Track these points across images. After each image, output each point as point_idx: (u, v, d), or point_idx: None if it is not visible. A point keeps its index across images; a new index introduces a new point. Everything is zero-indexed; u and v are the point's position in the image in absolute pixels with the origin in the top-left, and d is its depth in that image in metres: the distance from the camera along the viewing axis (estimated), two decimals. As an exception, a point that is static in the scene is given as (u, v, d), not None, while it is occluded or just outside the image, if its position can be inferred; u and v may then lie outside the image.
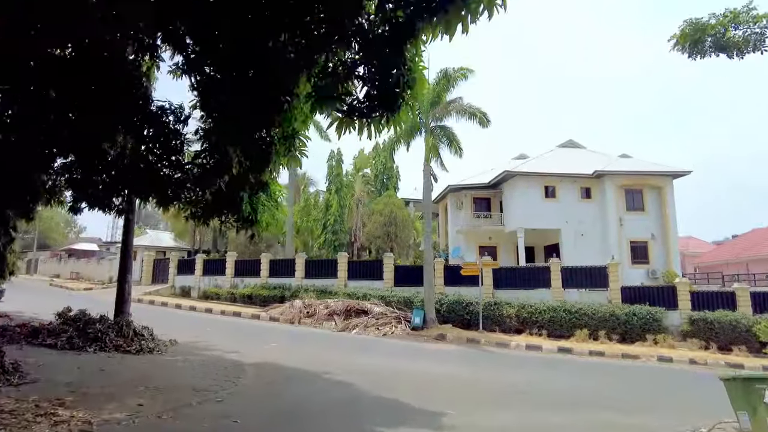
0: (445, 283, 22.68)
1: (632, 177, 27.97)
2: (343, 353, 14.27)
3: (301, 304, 21.28)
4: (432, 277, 20.10)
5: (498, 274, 22.16)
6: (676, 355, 16.49)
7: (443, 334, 18.18)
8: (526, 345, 17.07)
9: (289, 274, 26.02)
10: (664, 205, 27.97)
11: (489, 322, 20.07)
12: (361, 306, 20.29)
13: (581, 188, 28.47)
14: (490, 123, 22.06)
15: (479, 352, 16.09)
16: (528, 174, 27.89)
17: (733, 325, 18.55)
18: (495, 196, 31.53)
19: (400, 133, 22.29)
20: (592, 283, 21.16)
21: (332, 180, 33.45)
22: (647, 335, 18.60)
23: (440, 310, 20.66)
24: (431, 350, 15.79)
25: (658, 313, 19.25)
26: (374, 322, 19.30)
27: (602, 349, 16.80)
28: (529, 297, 21.15)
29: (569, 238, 27.70)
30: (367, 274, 24.35)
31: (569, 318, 19.43)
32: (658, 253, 27.59)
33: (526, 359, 15.30)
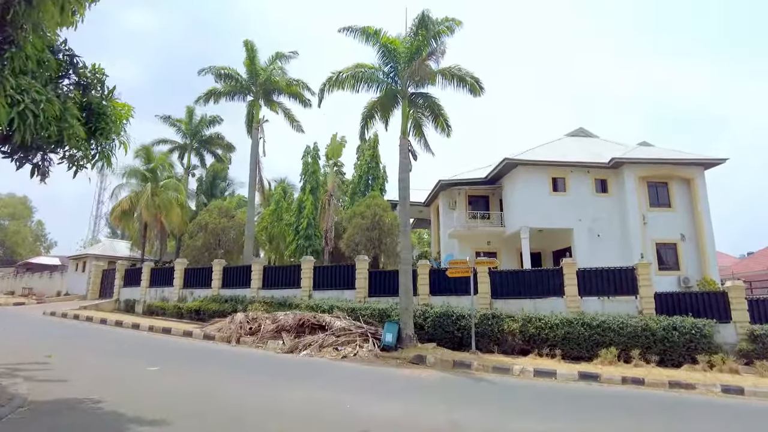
0: (432, 291, 18.09)
1: (656, 167, 23.50)
2: (263, 384, 9.69)
3: (244, 318, 16.72)
4: (410, 283, 15.54)
5: (497, 279, 17.55)
6: (746, 384, 11.78)
7: (422, 356, 13.54)
8: (535, 370, 12.41)
9: (244, 284, 21.55)
10: (695, 200, 23.43)
11: (485, 340, 15.49)
12: (319, 320, 15.71)
13: (596, 180, 23.99)
14: (483, 91, 17.72)
15: (468, 380, 11.43)
16: (532, 163, 23.46)
17: (811, 343, 13.89)
18: (494, 193, 27.09)
19: (371, 104, 18.09)
20: (616, 290, 16.49)
21: (307, 178, 29.16)
22: (696, 355, 13.92)
23: (423, 325, 16.11)
24: (400, 378, 11.16)
25: (707, 327, 14.57)
26: (333, 341, 14.68)
27: (640, 375, 12.12)
28: (537, 308, 16.56)
29: (583, 240, 23.11)
30: (336, 283, 19.79)
31: (589, 334, 14.79)
32: (690, 258, 22.95)
33: (535, 391, 10.65)
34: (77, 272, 34.60)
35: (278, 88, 26.61)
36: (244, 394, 8.53)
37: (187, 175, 38.03)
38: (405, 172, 16.28)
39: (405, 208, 16.06)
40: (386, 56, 17.17)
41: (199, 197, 37.56)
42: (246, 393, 8.61)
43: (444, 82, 17.64)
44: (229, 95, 26.86)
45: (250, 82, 26.38)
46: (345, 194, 33.35)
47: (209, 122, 37.69)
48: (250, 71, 26.31)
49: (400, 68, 17.04)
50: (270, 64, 26.12)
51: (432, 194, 28.81)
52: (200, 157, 39.26)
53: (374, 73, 17.34)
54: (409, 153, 16.48)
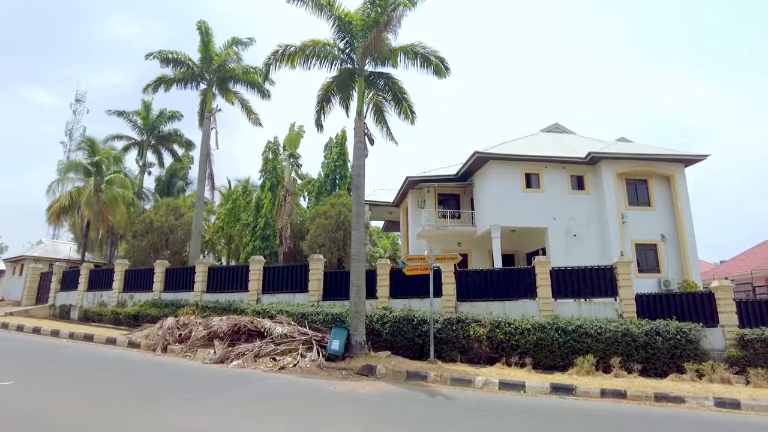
0: (392, 293, 16.24)
1: (635, 163, 22.15)
2: (148, 404, 7.64)
3: (174, 323, 14.63)
4: (362, 283, 13.65)
5: (463, 280, 15.79)
6: (741, 396, 10.15)
7: (372, 366, 11.63)
8: (500, 382, 10.60)
9: (188, 286, 19.42)
10: (675, 199, 22.14)
11: (449, 348, 13.72)
12: (257, 325, 13.71)
13: (572, 177, 22.53)
14: (449, 72, 16.09)
15: (420, 395, 9.54)
16: (504, 157, 21.88)
17: (806, 349, 12.43)
18: (465, 192, 25.46)
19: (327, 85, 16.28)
20: (593, 291, 14.86)
21: (267, 176, 27.12)
22: (682, 363, 12.32)
23: (381, 331, 14.28)
24: (336, 395, 9.21)
25: (693, 332, 13.02)
26: (271, 349, 12.69)
27: (621, 387, 10.41)
28: (507, 311, 14.85)
29: (558, 240, 21.56)
30: (287, 285, 17.79)
31: (564, 340, 13.12)
32: (671, 259, 21.59)
33: (498, 407, 8.82)
34: (14, 276, 31.76)
35: (234, 75, 24.65)
36: (106, 419, 6.51)
37: (142, 173, 35.61)
38: (360, 158, 14.45)
39: (359, 198, 14.20)
40: (341, 30, 15.40)
41: (155, 197, 35.14)
42: (110, 418, 6.60)
43: (406, 62, 15.98)
44: (181, 83, 24.74)
45: (203, 68, 24.35)
46: (310, 194, 31.40)
47: (168, 118, 35.42)
48: (203, 57, 24.28)
49: (356, 44, 15.28)
50: (225, 49, 24.15)
51: (401, 193, 27.05)
52: (158, 154, 36.84)
53: (329, 49, 15.53)
54: (365, 137, 14.67)
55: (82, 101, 69.43)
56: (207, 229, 30.59)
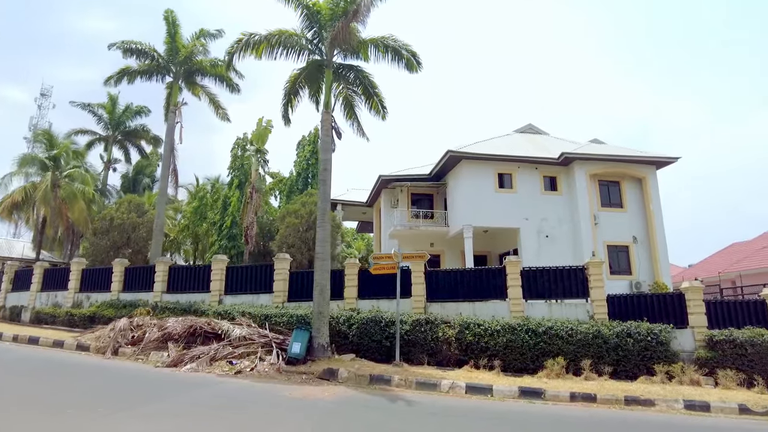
0: (360, 294, 15.68)
1: (608, 164, 22.09)
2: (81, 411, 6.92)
3: (127, 324, 13.79)
4: (327, 283, 13.07)
5: (433, 280, 15.33)
6: (711, 398, 9.91)
7: (333, 370, 11.04)
8: (467, 386, 10.13)
9: (147, 287, 18.46)
10: (647, 200, 22.17)
11: (417, 350, 13.23)
12: (214, 327, 12.98)
13: (544, 178, 22.36)
14: (421, 66, 15.70)
15: (381, 401, 9.00)
16: (477, 157, 21.56)
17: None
18: (438, 192, 25.10)
19: (294, 76, 15.67)
20: (564, 291, 14.57)
21: (235, 173, 26.27)
22: (653, 365, 12.08)
23: (348, 333, 13.70)
24: (291, 402, 8.60)
25: (664, 333, 12.80)
26: (228, 352, 11.99)
27: (591, 390, 10.07)
28: (477, 312, 14.44)
29: (530, 241, 21.34)
30: (251, 286, 17.05)
31: (535, 342, 12.75)
32: (642, 261, 21.57)
33: (463, 415, 8.34)
34: (-35, 276, 30.02)
35: (202, 68, 23.75)
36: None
37: (107, 170, 34.33)
38: (327, 152, 13.88)
39: (325, 193, 13.63)
40: (309, 20, 14.83)
41: (120, 194, 33.86)
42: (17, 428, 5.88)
43: (377, 55, 15.52)
44: (145, 75, 23.70)
45: (169, 60, 23.40)
46: (282, 192, 30.62)
47: (135, 113, 34.24)
48: (169, 48, 23.31)
49: (324, 34, 14.72)
50: (193, 41, 23.25)
51: (374, 192, 26.53)
52: (125, 150, 35.63)
53: (296, 40, 14.93)
54: (333, 130, 14.11)
55: (48, 96, 66.93)
56: (172, 228, 29.53)
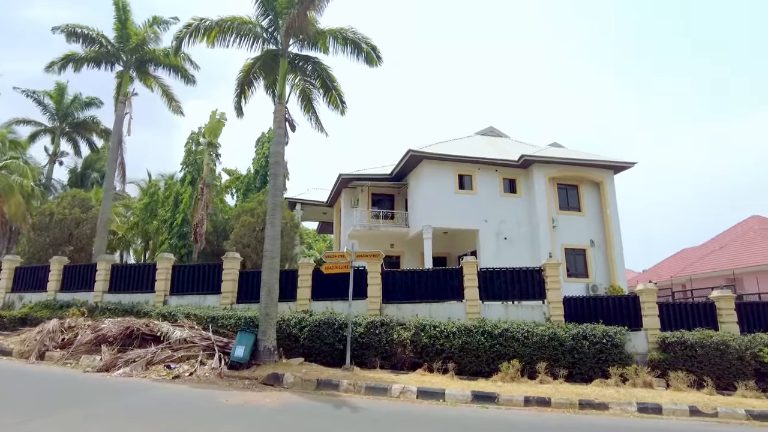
0: (314, 295, 15.04)
1: (566, 167, 22.22)
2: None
3: (57, 325, 12.76)
4: (275, 283, 12.40)
5: (390, 281, 14.87)
6: (663, 400, 9.81)
7: (279, 375, 10.40)
8: (419, 390, 9.69)
9: (88, 286, 17.30)
10: (604, 204, 22.43)
11: (372, 353, 12.73)
12: (153, 329, 12.13)
13: (504, 180, 22.31)
14: (381, 61, 15.31)
15: (326, 408, 8.43)
16: (438, 157, 21.30)
17: (721, 350, 12.44)
18: (399, 192, 24.74)
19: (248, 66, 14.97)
20: (521, 293, 14.38)
21: (188, 168, 25.15)
22: (607, 368, 11.97)
23: (299, 336, 13.07)
24: (227, 407, 7.93)
25: (619, 336, 12.76)
26: (167, 356, 11.18)
27: (546, 394, 9.79)
28: (433, 313, 14.07)
29: (489, 243, 21.21)
30: (199, 286, 16.16)
31: (491, 344, 12.47)
32: (598, 265, 21.77)
33: (410, 421, 7.88)
34: None
35: (155, 58, 22.63)
36: None
37: (52, 163, 32.33)
38: (279, 144, 13.24)
39: (276, 187, 12.97)
40: (264, 6, 14.18)
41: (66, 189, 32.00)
42: None
43: (336, 46, 15.02)
44: (93, 63, 22.37)
45: (119, 48, 22.18)
46: (238, 190, 29.62)
47: (85, 104, 32.43)
48: (120, 36, 22.10)
49: (280, 22, 14.09)
50: (145, 28, 22.12)
51: (334, 191, 25.93)
52: (74, 143, 33.62)
53: (250, 27, 14.25)
54: (286, 122, 13.48)
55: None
56: (121, 225, 28.07)
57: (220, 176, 28.67)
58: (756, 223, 29.06)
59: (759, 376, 12.07)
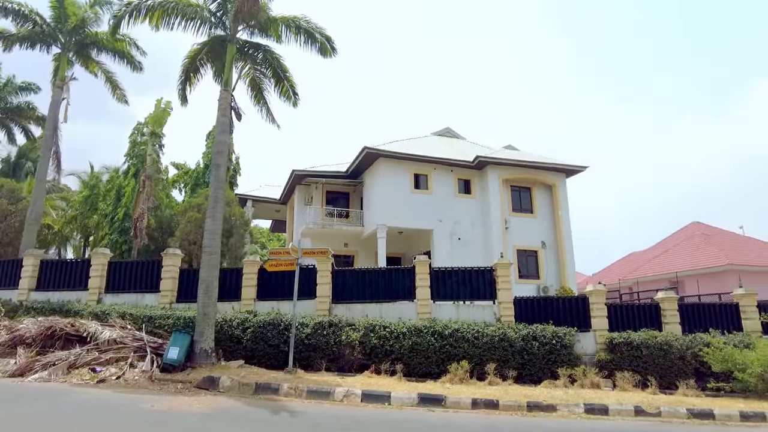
0: (259, 295, 14.35)
1: (520, 170, 22.39)
2: None
3: (-33, 326, 11.51)
4: (214, 280, 11.69)
5: (340, 280, 14.37)
6: (609, 401, 9.75)
7: (215, 378, 9.71)
8: (363, 393, 9.23)
9: (12, 283, 15.94)
10: (556, 207, 22.73)
11: (319, 355, 12.22)
12: (79, 329, 11.16)
13: (459, 180, 22.24)
14: (335, 52, 14.86)
15: (262, 413, 7.85)
16: (394, 155, 20.96)
17: (665, 351, 12.64)
18: (355, 191, 24.26)
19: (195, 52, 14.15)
20: (473, 293, 14.20)
21: (133, 161, 23.80)
22: (557, 369, 11.90)
23: (242, 337, 12.40)
24: (149, 414, 7.23)
25: (568, 336, 12.73)
26: (93, 358, 10.28)
27: (494, 396, 9.54)
28: (384, 313, 13.68)
29: (443, 243, 21.06)
30: (137, 284, 15.14)
31: (440, 345, 12.19)
32: (550, 266, 22.01)
33: (350, 427, 7.40)
34: None
35: (97, 41, 21.21)
36: None
37: (-18, 151, 30.10)
38: (223, 133, 12.52)
39: (218, 179, 12.24)
40: (211, -11, 13.44)
41: (-6, 180, 29.72)
42: None
43: (288, 35, 14.44)
44: (27, 42, 20.75)
45: (56, 28, 20.68)
46: (187, 185, 28.28)
47: (20, 88, 30.24)
48: (57, 15, 20.59)
49: (229, 6, 13.38)
50: (85, 8, 20.70)
51: (287, 188, 25.16)
52: (7, 131, 31.30)
53: (197, 11, 13.45)
54: (232, 110, 12.78)
55: None
56: (57, 219, 26.29)
57: (167, 170, 27.33)
58: (696, 228, 30.30)
59: (698, 375, 12.31)
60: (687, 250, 27.73)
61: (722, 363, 11.69)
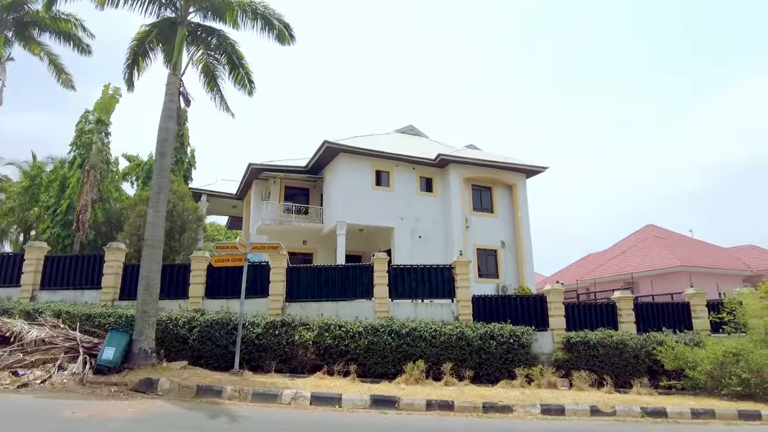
0: (208, 293, 13.59)
1: (481, 169, 22.32)
2: None
3: None
4: (155, 276, 10.91)
5: (294, 278, 13.77)
6: (566, 401, 9.59)
7: (153, 380, 8.99)
8: (313, 396, 8.73)
9: (-66, 279, 14.57)
10: (516, 207, 22.78)
11: (270, 356, 11.68)
12: (2, 328, 10.17)
13: (421, 178, 21.97)
14: (294, 40, 14.31)
15: (198, 418, 7.24)
16: (355, 151, 20.48)
17: (620, 350, 12.68)
18: (315, 187, 23.64)
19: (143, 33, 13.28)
20: (431, 291, 13.89)
21: (79, 150, 22.44)
22: (514, 368, 11.71)
23: (188, 337, 11.71)
24: (74, 421, 6.52)
25: (526, 335, 12.58)
26: (16, 360, 9.37)
27: (449, 397, 9.21)
28: (340, 312, 13.21)
29: (404, 241, 20.73)
30: (76, 280, 14.08)
31: (397, 344, 11.81)
32: (509, 266, 22.02)
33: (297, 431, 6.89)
34: None
35: (38, 21, 19.80)
36: None
37: None
38: (170, 119, 11.73)
39: (162, 167, 11.45)
40: (161, -33, 12.63)
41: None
42: None
43: (245, 20, 13.77)
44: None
45: (-9, 4, 19.19)
46: (139, 178, 26.98)
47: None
48: (-8, -10, 19.15)
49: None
50: (27, -14, 19.29)
51: (244, 183, 24.29)
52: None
53: (145, -11, 12.62)
54: (180, 95, 12.01)
55: None
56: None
57: (117, 161, 25.99)
58: (651, 231, 31.13)
59: (652, 374, 12.41)
60: (642, 252, 28.42)
61: (674, 361, 11.81)
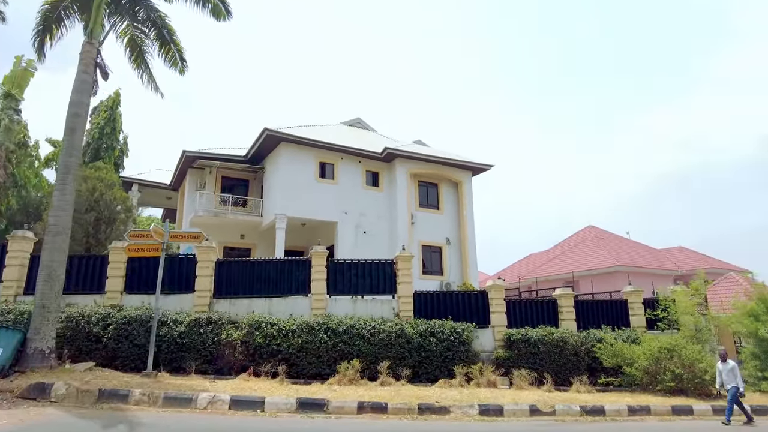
0: (128, 287, 12.37)
1: (427, 165, 21.98)
2: None
3: None
4: (58, 267, 9.70)
5: (224, 272, 12.78)
6: (505, 401, 9.23)
7: (46, 385, 7.85)
8: (233, 399, 7.89)
9: None
10: (461, 205, 22.61)
11: (193, 356, 10.70)
12: None
13: (367, 172, 21.35)
14: (230, 15, 13.42)
15: (94, 428, 6.27)
16: (298, 140, 19.56)
17: (560, 347, 12.56)
18: (256, 178, 22.51)
19: None
20: (372, 287, 13.28)
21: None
22: (454, 367, 11.28)
23: (101, 335, 10.57)
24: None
25: (467, 333, 12.20)
26: None
27: (383, 398, 8.62)
28: (274, 309, 12.35)
29: (347, 236, 20.04)
30: (-28, 271, 12.48)
31: (334, 343, 11.12)
32: (453, 263, 21.81)
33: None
34: None
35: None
36: None
37: None
38: (83, 93, 10.48)
39: (72, 145, 10.22)
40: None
41: None
42: None
43: (177, -8, 12.65)
44: None
45: None
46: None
47: None
48: None
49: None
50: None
51: (178, 172, 22.75)
52: None
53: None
54: (96, 67, 10.78)
55: None
56: None
57: (38, 144, 23.77)
58: (591, 232, 31.98)
59: (591, 371, 12.35)
60: (582, 252, 29.06)
61: (612, 358, 11.79)
